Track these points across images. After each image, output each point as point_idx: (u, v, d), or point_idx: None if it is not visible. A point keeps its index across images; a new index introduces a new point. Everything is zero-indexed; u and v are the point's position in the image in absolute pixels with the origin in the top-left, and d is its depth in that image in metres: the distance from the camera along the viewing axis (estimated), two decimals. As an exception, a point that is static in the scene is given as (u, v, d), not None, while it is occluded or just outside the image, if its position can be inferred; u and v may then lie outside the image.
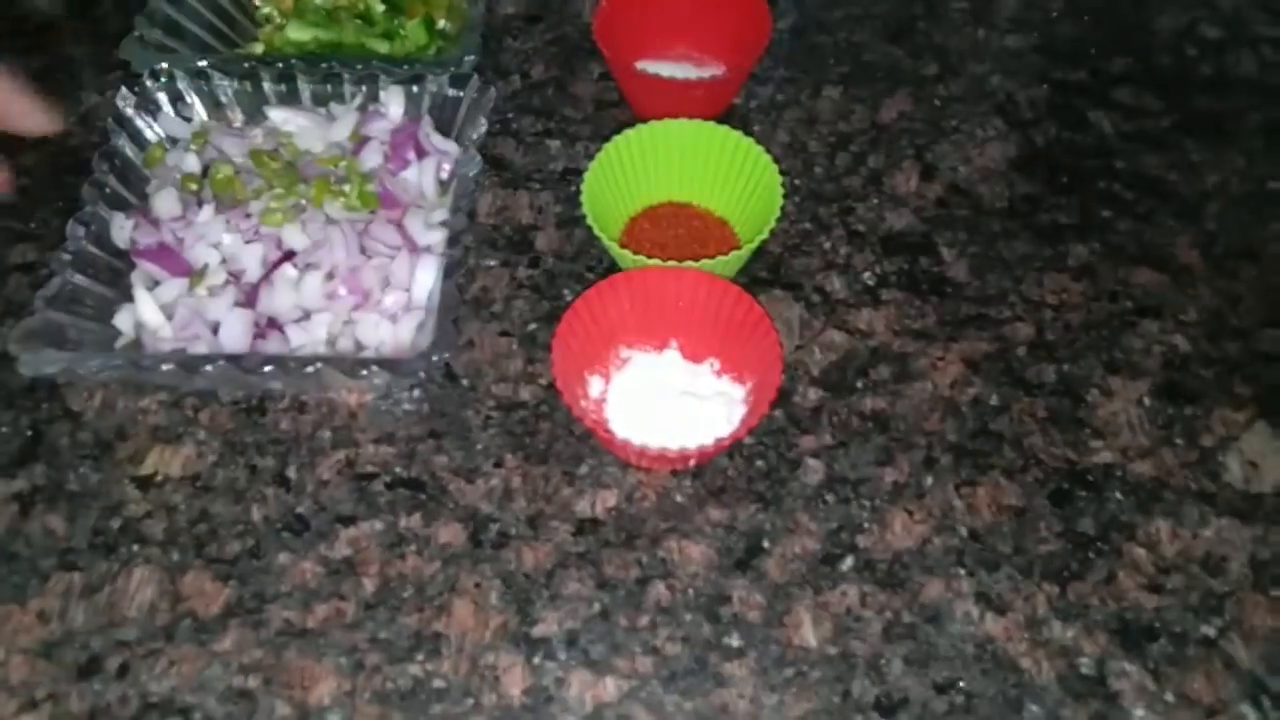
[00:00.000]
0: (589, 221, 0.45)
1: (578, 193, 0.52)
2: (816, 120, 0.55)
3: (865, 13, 0.61)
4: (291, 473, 0.42)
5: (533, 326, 0.47)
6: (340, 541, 0.41)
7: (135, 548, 0.40)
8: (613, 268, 0.49)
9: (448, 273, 0.40)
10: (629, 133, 0.48)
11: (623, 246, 0.46)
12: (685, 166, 0.50)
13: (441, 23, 0.56)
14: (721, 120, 0.50)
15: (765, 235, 0.45)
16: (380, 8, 0.55)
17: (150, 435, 0.43)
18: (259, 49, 0.54)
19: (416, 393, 0.44)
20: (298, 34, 0.53)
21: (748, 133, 0.50)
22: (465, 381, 0.45)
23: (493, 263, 0.49)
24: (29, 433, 0.43)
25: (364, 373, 0.38)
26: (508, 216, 0.51)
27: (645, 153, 0.49)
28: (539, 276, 0.49)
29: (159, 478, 0.42)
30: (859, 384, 0.45)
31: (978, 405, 0.45)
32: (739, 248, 0.49)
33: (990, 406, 0.45)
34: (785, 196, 0.46)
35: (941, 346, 0.47)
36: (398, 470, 0.43)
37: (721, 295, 0.43)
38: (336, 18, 0.55)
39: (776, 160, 0.47)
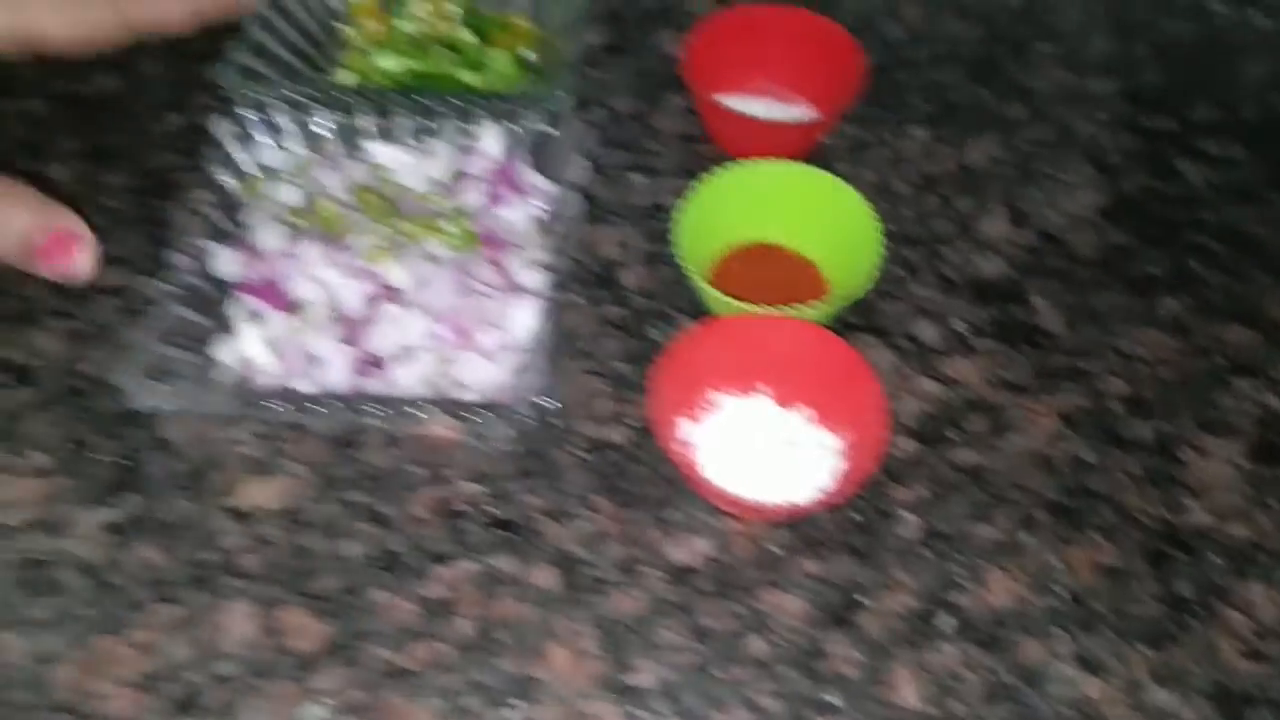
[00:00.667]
0: (683, 265, 0.45)
1: (663, 229, 0.52)
2: (902, 160, 0.55)
3: (950, 51, 0.60)
4: (385, 509, 0.42)
5: (621, 366, 0.47)
6: (436, 581, 0.41)
7: (232, 581, 0.40)
8: (700, 307, 0.49)
9: (549, 316, 0.40)
10: (720, 172, 0.48)
11: (711, 286, 0.46)
12: (776, 207, 0.50)
13: (529, 54, 0.57)
14: (807, 158, 0.50)
15: (866, 285, 0.44)
16: (469, 39, 0.55)
17: (243, 467, 0.43)
18: (347, 76, 0.54)
19: (507, 430, 0.44)
20: (388, 63, 0.54)
21: (833, 171, 0.50)
22: (555, 420, 0.45)
23: (580, 300, 0.49)
24: (123, 461, 0.43)
25: (469, 416, 0.38)
26: (593, 252, 0.50)
27: (735, 192, 0.49)
28: (626, 315, 0.49)
29: (253, 510, 0.42)
30: (953, 436, 0.45)
31: (1073, 461, 0.44)
32: (827, 291, 0.49)
33: (1086, 463, 0.44)
34: (884, 244, 0.45)
35: (1035, 399, 0.46)
36: (490, 509, 0.42)
37: (820, 344, 0.43)
38: (426, 47, 0.55)
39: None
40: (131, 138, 0.54)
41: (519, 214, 0.46)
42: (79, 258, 0.39)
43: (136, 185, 0.52)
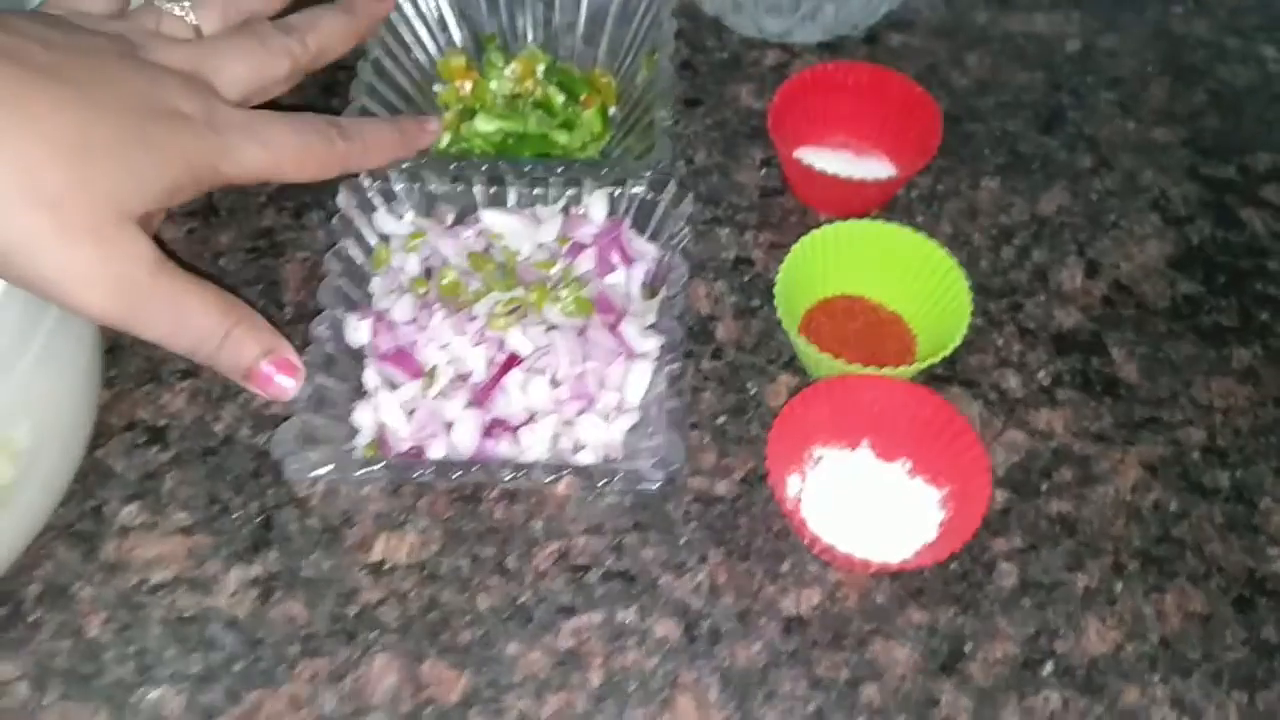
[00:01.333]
0: (786, 329, 0.48)
1: (750, 282, 0.54)
2: (978, 212, 0.57)
3: (1015, 100, 0.63)
4: (511, 562, 0.45)
5: (721, 420, 0.49)
6: (564, 633, 0.43)
7: (373, 634, 0.43)
8: (793, 360, 0.51)
9: (672, 383, 0.43)
10: (817, 233, 0.50)
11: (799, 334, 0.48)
12: (863, 262, 0.52)
13: (614, 110, 0.59)
14: (885, 211, 0.52)
15: (958, 342, 0.47)
16: (560, 98, 0.58)
17: (374, 522, 0.46)
18: (444, 139, 0.56)
19: (619, 485, 0.46)
20: (485, 125, 0.56)
21: (911, 224, 0.53)
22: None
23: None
24: (260, 519, 0.46)
25: (595, 478, 0.41)
26: (688, 307, 0.53)
27: (827, 249, 0.51)
28: (722, 368, 0.51)
29: (388, 565, 0.45)
30: (1044, 486, 0.47)
31: (1159, 510, 0.47)
32: (913, 343, 0.51)
33: (1170, 512, 0.47)
34: (973, 300, 0.48)
35: (1119, 449, 0.48)
36: (609, 563, 0.45)
37: (920, 402, 0.45)
38: (518, 108, 0.58)
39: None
40: (236, 198, 0.57)
41: (630, 281, 0.48)
42: (291, 384, 0.42)
43: (247, 245, 0.55)
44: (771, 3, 0.60)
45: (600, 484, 0.42)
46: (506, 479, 0.41)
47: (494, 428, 0.44)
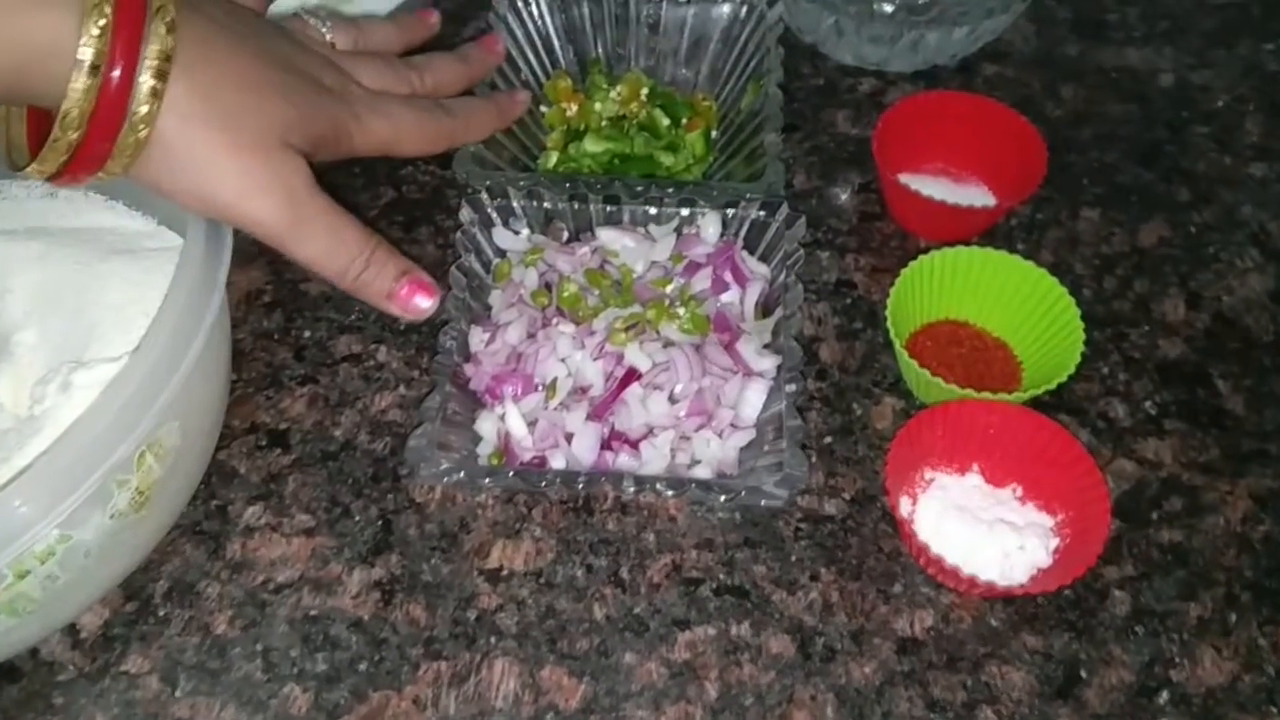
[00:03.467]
0: (896, 349, 0.48)
1: (852, 305, 0.55)
2: (1079, 242, 0.58)
3: (1112, 133, 0.63)
4: (624, 573, 0.45)
5: (829, 440, 0.50)
6: (679, 645, 0.44)
7: (493, 639, 0.44)
8: (898, 383, 0.52)
9: (793, 403, 0.43)
10: (926, 259, 0.51)
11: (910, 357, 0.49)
12: (970, 287, 0.52)
13: (716, 134, 0.60)
14: (985, 238, 0.53)
15: (1072, 370, 0.47)
16: (665, 120, 0.59)
17: (491, 529, 0.47)
18: (553, 158, 0.58)
19: (742, 501, 0.47)
20: (593, 146, 0.57)
21: (1013, 250, 0.53)
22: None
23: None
24: (379, 522, 0.47)
25: (731, 497, 0.41)
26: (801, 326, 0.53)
27: (935, 274, 0.52)
28: (828, 389, 0.52)
29: (505, 571, 0.45)
30: (1154, 515, 0.47)
31: (1269, 543, 0.47)
32: (1018, 370, 0.52)
33: (1281, 544, 0.47)
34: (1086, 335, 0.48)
35: (1228, 481, 0.49)
36: (721, 577, 0.45)
37: (1036, 428, 0.46)
38: (623, 129, 0.59)
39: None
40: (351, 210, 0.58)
41: (744, 300, 0.49)
42: (429, 304, 0.45)
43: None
44: (873, 32, 0.61)
45: (725, 499, 0.43)
46: (631, 491, 0.42)
47: (613, 440, 0.45)
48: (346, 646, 0.43)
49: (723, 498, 0.42)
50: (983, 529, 0.45)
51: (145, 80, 0.36)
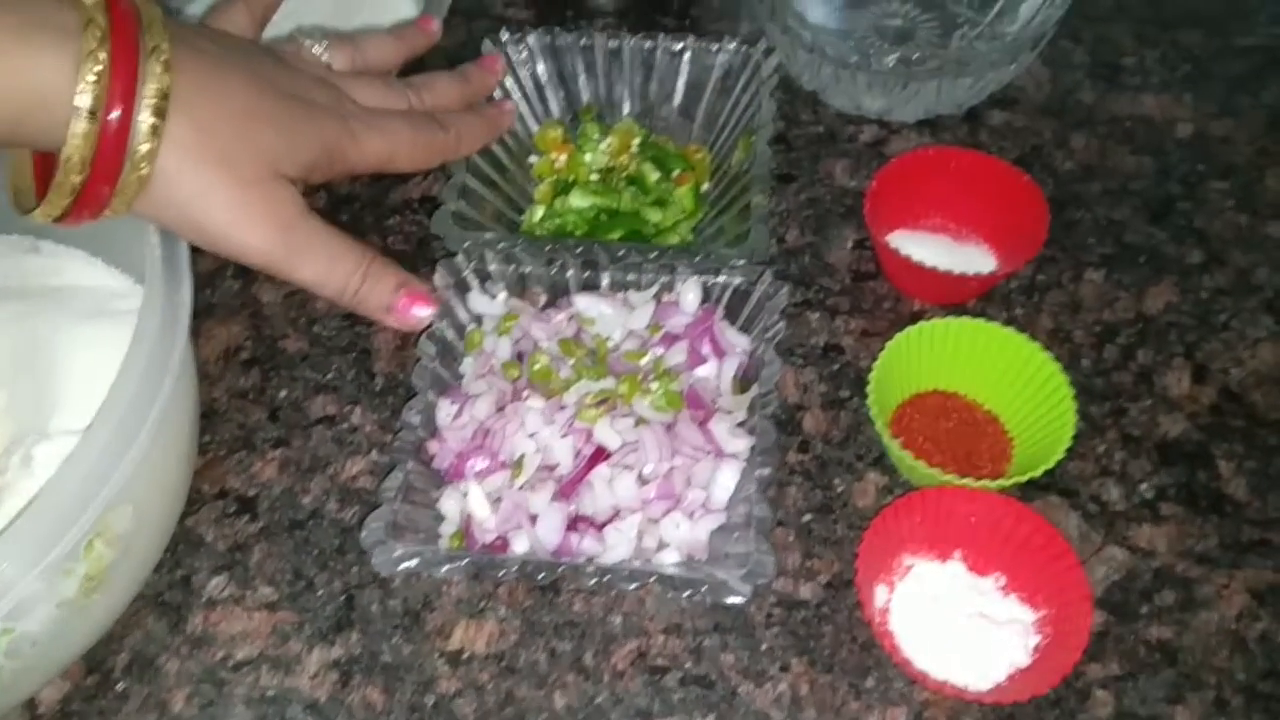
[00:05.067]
0: (878, 429, 0.47)
1: (840, 372, 0.53)
2: (1080, 307, 0.55)
3: (1122, 188, 0.61)
4: (589, 660, 0.44)
5: (807, 518, 0.48)
6: (640, 739, 0.42)
7: (449, 728, 0.43)
8: (882, 457, 0.50)
9: (762, 488, 0.42)
10: (914, 330, 0.49)
11: (892, 437, 0.47)
12: (961, 359, 0.50)
13: (706, 187, 0.58)
14: (983, 300, 0.51)
15: (1060, 456, 0.45)
16: (654, 174, 0.58)
17: (455, 608, 0.46)
18: (539, 212, 0.57)
19: (715, 595, 0.45)
20: (579, 201, 0.56)
21: (1009, 316, 0.51)
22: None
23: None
24: (342, 598, 0.46)
25: (682, 582, 0.40)
26: (779, 404, 0.52)
27: (924, 344, 0.50)
28: (809, 462, 0.50)
29: (466, 654, 0.45)
30: (1143, 609, 0.45)
31: (1265, 642, 0.45)
32: (1009, 446, 0.50)
33: (1277, 644, 0.44)
34: (1077, 413, 0.46)
35: (1225, 573, 0.46)
36: (688, 666, 0.44)
37: (1018, 518, 0.44)
38: (611, 182, 0.57)
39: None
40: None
41: (721, 375, 0.47)
42: (428, 314, 0.46)
43: (341, 312, 0.55)
44: (873, 80, 0.59)
45: (685, 594, 0.41)
46: (590, 583, 0.41)
47: (578, 522, 0.44)
48: (301, 730, 0.43)
49: (685, 593, 0.40)
50: (959, 623, 0.43)
51: (145, 119, 0.37)
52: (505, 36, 0.59)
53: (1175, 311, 0.55)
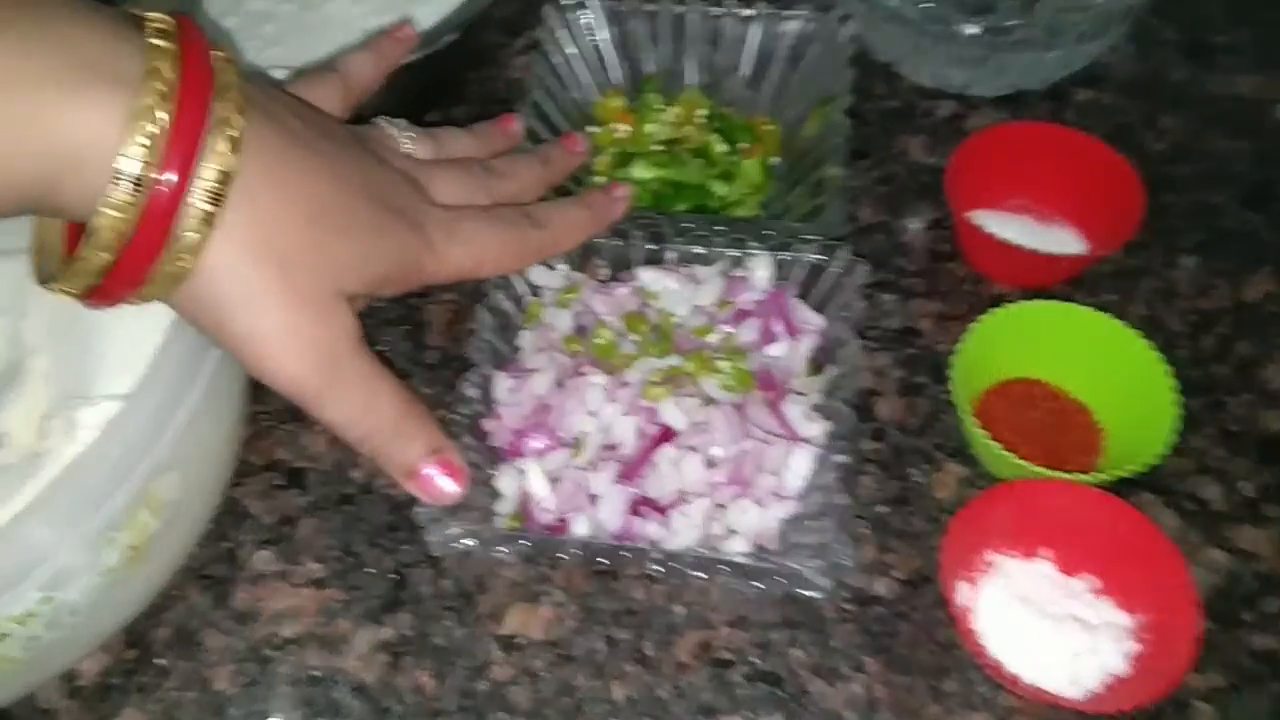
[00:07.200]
0: (960, 416, 0.44)
1: (917, 356, 0.50)
2: (1175, 293, 0.52)
3: (1218, 170, 0.57)
4: (649, 649, 0.42)
5: (882, 509, 0.46)
6: (704, 735, 0.40)
7: (504, 715, 0.40)
8: (962, 446, 0.47)
9: (840, 476, 0.39)
10: (1002, 312, 0.46)
11: (977, 425, 0.44)
12: (1050, 344, 0.47)
13: (777, 161, 0.56)
14: (1068, 284, 0.49)
15: (1163, 451, 0.42)
16: (721, 147, 0.55)
17: (509, 591, 0.43)
18: (600, 182, 0.54)
19: (785, 586, 0.43)
20: (642, 173, 0.53)
21: (1099, 302, 0.48)
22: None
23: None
24: (393, 576, 0.44)
25: (766, 585, 0.38)
26: (857, 387, 0.49)
27: (1010, 328, 0.47)
28: (884, 451, 0.47)
29: (520, 639, 0.42)
30: (1247, 616, 0.42)
31: (1383, 656, 0.41)
32: (1099, 438, 0.46)
33: (1398, 659, 0.41)
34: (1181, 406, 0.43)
35: (1336, 581, 0.43)
36: (755, 661, 0.42)
37: (1116, 515, 0.41)
38: (677, 155, 0.55)
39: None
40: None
41: (793, 355, 0.44)
42: (454, 490, 0.39)
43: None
44: (956, 52, 0.56)
45: (758, 585, 0.39)
46: (654, 568, 0.38)
47: (642, 505, 0.41)
48: (349, 713, 0.41)
49: (758, 584, 0.38)
50: (1049, 625, 0.40)
51: (197, 203, 0.30)
52: (565, 0, 0.56)
53: (1275, 301, 0.52)
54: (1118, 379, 0.46)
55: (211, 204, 0.31)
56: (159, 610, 0.43)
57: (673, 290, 0.46)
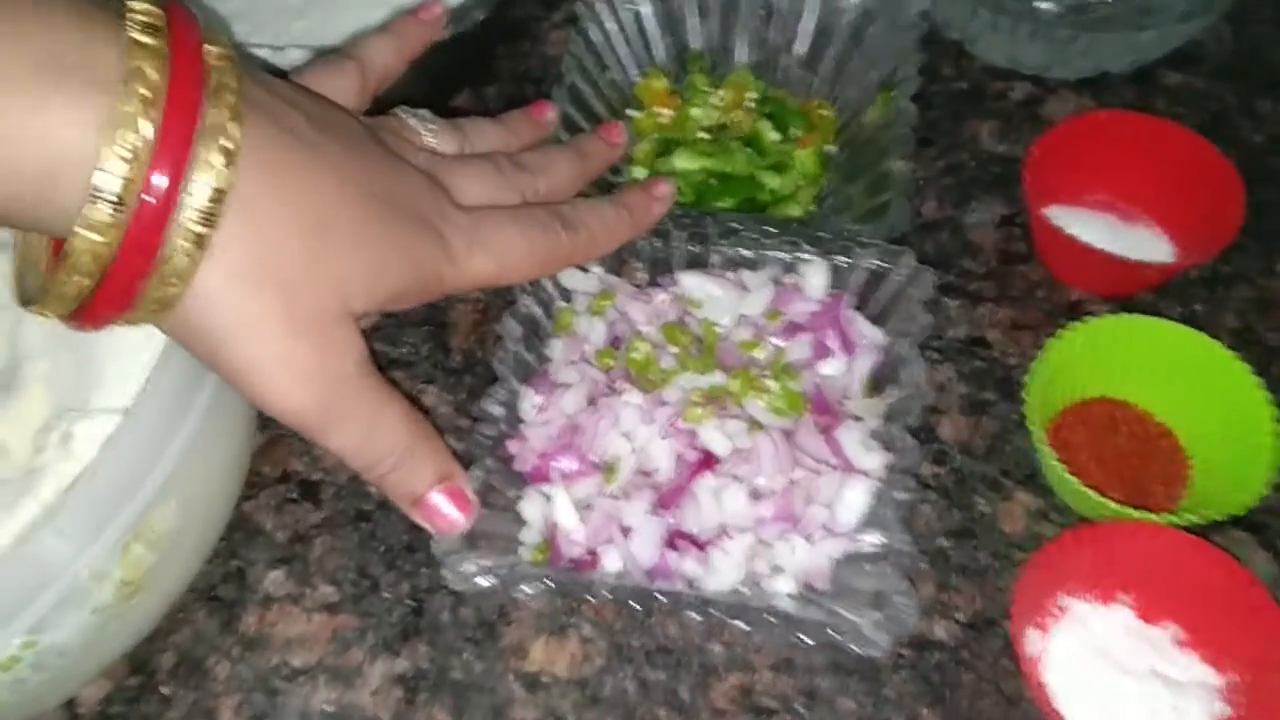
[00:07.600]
0: (1036, 444, 0.40)
1: (984, 370, 0.46)
2: (1272, 304, 0.47)
3: (1324, 164, 0.52)
4: (684, 693, 0.39)
5: (943, 542, 0.42)
6: (743, 794, 0.37)
7: (525, 764, 0.37)
8: (1033, 474, 0.43)
9: (903, 516, 0.35)
10: (1083, 327, 0.42)
11: (1049, 448, 0.40)
12: (1134, 362, 0.43)
13: (833, 150, 0.51)
14: (1154, 292, 0.45)
15: (1264, 491, 0.37)
16: (772, 135, 0.50)
17: (534, 622, 0.40)
18: (638, 175, 0.50)
19: (835, 636, 0.39)
20: (686, 163, 0.49)
21: (1188, 312, 0.44)
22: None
23: (895, 454, 0.43)
24: (410, 602, 0.41)
25: (815, 636, 0.34)
26: (922, 413, 0.45)
27: (1090, 344, 0.43)
28: (946, 476, 0.43)
29: (545, 677, 0.39)
30: (1353, 679, 0.38)
31: None
32: (1185, 467, 0.42)
33: None
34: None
35: None
36: (799, 709, 0.38)
37: (1205, 561, 0.37)
38: (723, 142, 0.51)
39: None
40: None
41: (848, 370, 0.40)
42: (461, 520, 0.36)
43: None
44: (1036, 29, 0.51)
45: (808, 641, 0.35)
46: (691, 613, 0.35)
47: (678, 539, 0.38)
48: (360, 754, 0.38)
49: (805, 639, 0.34)
50: (1130, 682, 0.36)
51: (186, 223, 0.27)
52: (605, -31, 0.52)
53: (1389, 315, 0.47)
54: (1209, 402, 0.42)
55: (203, 225, 0.28)
56: (164, 634, 0.41)
57: (716, 298, 0.42)
